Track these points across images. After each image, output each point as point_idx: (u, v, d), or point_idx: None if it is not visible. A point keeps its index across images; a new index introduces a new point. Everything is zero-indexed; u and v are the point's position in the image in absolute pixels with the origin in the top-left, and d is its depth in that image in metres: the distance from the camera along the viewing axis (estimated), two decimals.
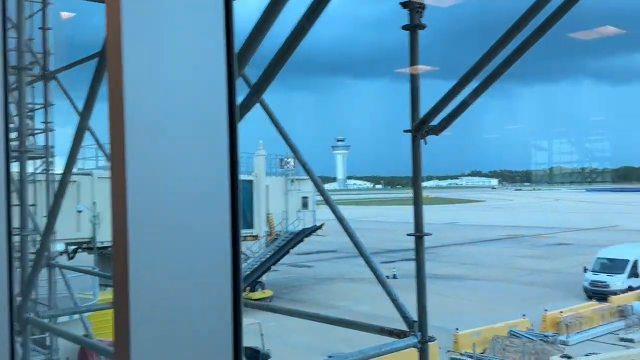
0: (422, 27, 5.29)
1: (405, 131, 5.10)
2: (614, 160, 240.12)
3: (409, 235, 5.98)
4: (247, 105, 4.00)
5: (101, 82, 4.66)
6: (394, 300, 5.25)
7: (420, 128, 4.93)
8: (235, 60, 0.83)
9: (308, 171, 6.26)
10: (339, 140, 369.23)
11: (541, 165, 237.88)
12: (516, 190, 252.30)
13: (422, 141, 5.01)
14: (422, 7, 5.10)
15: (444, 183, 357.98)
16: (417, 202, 5.51)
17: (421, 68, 9.21)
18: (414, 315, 6.71)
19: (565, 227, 74.28)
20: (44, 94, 10.56)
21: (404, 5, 5.22)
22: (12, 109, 8.69)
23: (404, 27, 5.31)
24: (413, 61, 5.34)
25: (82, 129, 5.12)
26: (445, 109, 4.67)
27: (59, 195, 7.85)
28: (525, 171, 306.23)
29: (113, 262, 0.80)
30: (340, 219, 5.79)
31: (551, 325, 23.57)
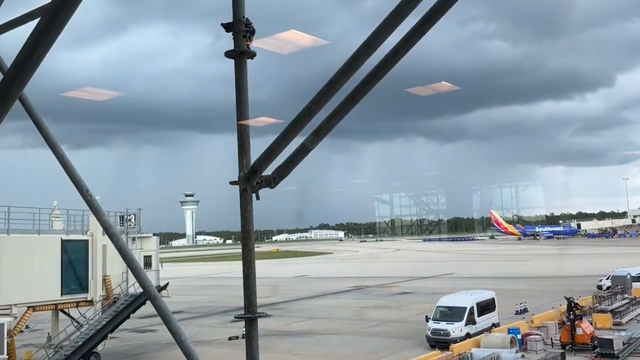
0: (252, 55, 4.62)
1: (232, 183, 4.21)
2: (446, 212, 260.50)
3: (237, 317, 4.77)
4: None
5: None
6: None
7: (250, 179, 4.11)
8: None
9: (111, 236, 5.12)
10: (187, 195, 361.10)
11: (383, 217, 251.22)
12: (361, 241, 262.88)
13: (253, 195, 4.17)
14: (250, 31, 4.44)
15: (294, 236, 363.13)
16: (249, 274, 4.26)
17: (264, 120, 8.58)
18: None
19: (407, 276, 77.85)
20: None
21: (226, 27, 4.52)
22: None
23: (228, 54, 4.59)
24: (240, 95, 4.59)
25: None
26: (277, 157, 3.93)
27: None
28: (370, 223, 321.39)
29: None
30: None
31: None
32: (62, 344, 29.12)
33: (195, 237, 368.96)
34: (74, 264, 29.63)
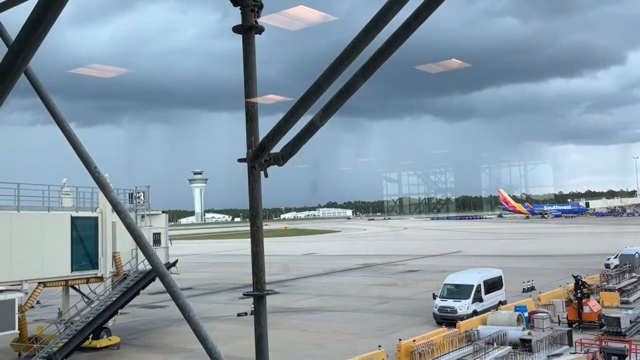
0: (260, 30, 4.56)
1: (239, 160, 4.17)
2: (454, 191, 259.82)
3: (245, 294, 4.76)
4: None
5: None
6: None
7: (259, 156, 4.07)
8: None
9: (119, 213, 5.07)
10: (196, 173, 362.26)
11: (391, 196, 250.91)
12: (369, 220, 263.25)
13: (262, 173, 4.13)
14: (259, 5, 4.37)
15: (302, 214, 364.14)
16: (257, 252, 4.23)
17: (272, 98, 8.48)
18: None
19: (414, 254, 78.10)
20: None
21: (234, 1, 4.46)
22: None
23: (236, 29, 4.52)
24: (248, 71, 4.52)
25: None
26: (286, 134, 3.86)
27: None
28: (378, 202, 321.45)
29: None
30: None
31: (405, 355, 23.88)
32: (73, 319, 29.48)
33: (204, 215, 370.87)
34: (84, 241, 29.87)
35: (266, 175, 4.16)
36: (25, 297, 27.85)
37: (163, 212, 36.37)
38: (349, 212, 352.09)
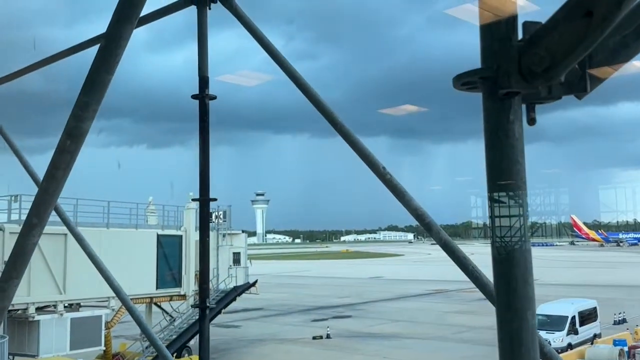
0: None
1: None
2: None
3: None
4: None
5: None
6: None
7: None
8: None
9: None
10: (258, 195, 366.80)
11: (455, 219, 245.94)
12: (432, 244, 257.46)
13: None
14: None
15: (362, 237, 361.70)
16: None
17: (406, 109, 7.98)
18: None
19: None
20: None
21: None
22: None
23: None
24: None
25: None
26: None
27: None
28: (441, 226, 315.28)
29: None
30: None
31: None
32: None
33: (265, 236, 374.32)
34: (169, 259, 30.05)
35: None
36: (111, 314, 28.15)
37: (243, 231, 36.37)
38: (410, 236, 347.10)
